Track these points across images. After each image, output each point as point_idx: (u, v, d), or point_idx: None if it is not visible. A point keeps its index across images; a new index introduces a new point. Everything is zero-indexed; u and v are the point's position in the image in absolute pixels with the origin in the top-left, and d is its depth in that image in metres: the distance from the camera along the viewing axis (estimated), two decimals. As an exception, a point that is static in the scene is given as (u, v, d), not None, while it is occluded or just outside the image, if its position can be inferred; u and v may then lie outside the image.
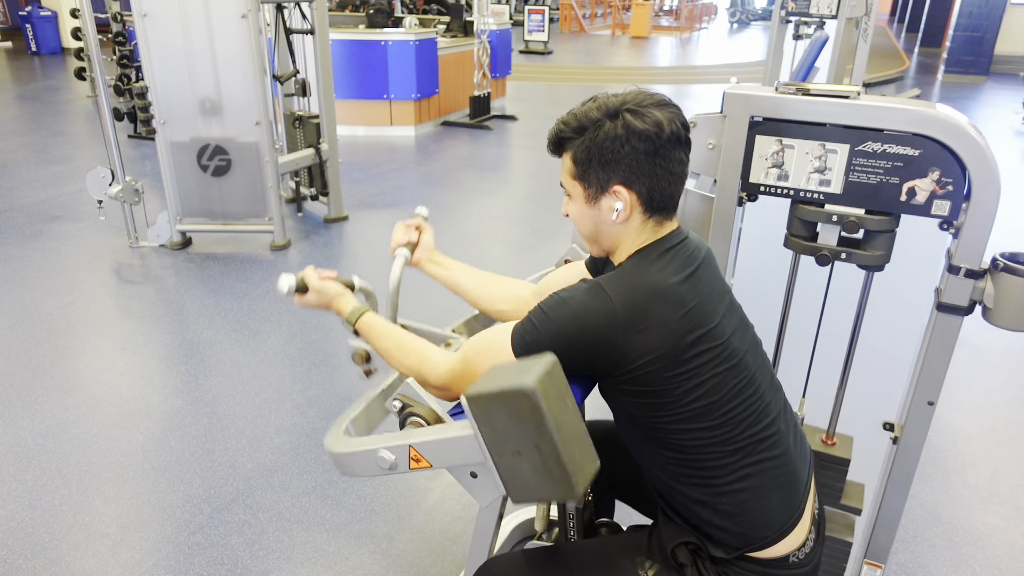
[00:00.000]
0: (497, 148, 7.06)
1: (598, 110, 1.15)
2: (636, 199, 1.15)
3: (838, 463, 1.58)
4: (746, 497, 1.16)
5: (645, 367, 1.09)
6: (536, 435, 0.98)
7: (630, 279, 1.12)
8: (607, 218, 1.18)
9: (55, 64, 11.56)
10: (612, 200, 1.16)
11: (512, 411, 0.98)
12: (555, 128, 1.20)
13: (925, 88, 11.36)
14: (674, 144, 1.13)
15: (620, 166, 1.13)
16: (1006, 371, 3.21)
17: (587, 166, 1.16)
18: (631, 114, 1.12)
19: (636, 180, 1.14)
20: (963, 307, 1.35)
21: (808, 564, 1.22)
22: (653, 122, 1.11)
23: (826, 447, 1.61)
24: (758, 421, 1.16)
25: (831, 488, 1.61)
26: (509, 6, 16.23)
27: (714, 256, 1.25)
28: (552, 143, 1.21)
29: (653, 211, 1.17)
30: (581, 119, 1.16)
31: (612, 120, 1.13)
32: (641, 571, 1.21)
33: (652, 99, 1.14)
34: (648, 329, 1.08)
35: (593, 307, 1.10)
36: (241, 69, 3.96)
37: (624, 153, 1.12)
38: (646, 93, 1.15)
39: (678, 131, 1.13)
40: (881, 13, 25.07)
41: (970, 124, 1.25)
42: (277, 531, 2.18)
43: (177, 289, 3.82)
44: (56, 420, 2.67)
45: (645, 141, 1.11)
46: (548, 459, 0.99)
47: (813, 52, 5.05)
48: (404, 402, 1.18)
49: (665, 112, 1.13)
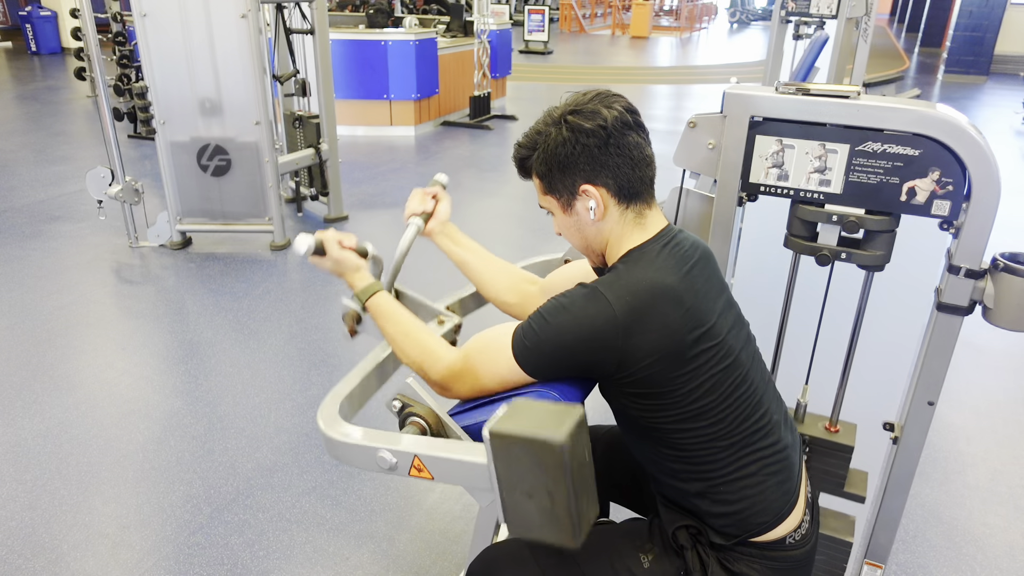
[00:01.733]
0: (497, 148, 7.06)
1: (544, 123, 1.19)
2: (606, 192, 1.17)
3: (841, 450, 1.55)
4: (744, 486, 1.18)
5: (648, 368, 1.10)
6: (552, 484, 0.98)
7: (628, 281, 1.13)
8: (587, 220, 1.20)
9: (55, 64, 11.56)
10: (584, 201, 1.18)
11: (535, 458, 0.98)
12: (514, 152, 1.24)
13: (925, 88, 11.36)
14: (623, 130, 1.15)
15: (579, 167, 1.16)
16: (1006, 371, 3.21)
17: (550, 177, 1.19)
18: (574, 115, 1.15)
19: (598, 175, 1.16)
20: (963, 307, 1.35)
21: (804, 545, 1.24)
22: (596, 116, 1.14)
23: (829, 434, 1.58)
24: (752, 413, 1.19)
25: (834, 476, 1.58)
26: (509, 6, 16.23)
27: (712, 255, 1.26)
28: (517, 168, 1.25)
29: (628, 200, 1.18)
30: (531, 136, 1.21)
31: (557, 127, 1.16)
32: (642, 555, 1.24)
33: (592, 96, 1.17)
34: (648, 331, 1.08)
35: (592, 312, 1.10)
36: (241, 69, 3.96)
37: (577, 153, 1.15)
38: (586, 93, 1.19)
39: (622, 116, 1.15)
40: (881, 13, 25.08)
41: (970, 124, 1.25)
42: (277, 531, 2.18)
43: (177, 289, 3.82)
44: (56, 420, 2.67)
45: (594, 136, 1.14)
46: (558, 507, 1.00)
47: (813, 52, 5.05)
48: (404, 402, 1.17)
49: (605, 103, 1.15)
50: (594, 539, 1.29)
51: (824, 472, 1.59)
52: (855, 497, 1.59)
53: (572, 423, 0.99)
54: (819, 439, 1.57)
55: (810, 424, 1.59)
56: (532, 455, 0.98)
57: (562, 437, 0.95)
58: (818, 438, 1.57)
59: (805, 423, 1.60)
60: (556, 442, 0.95)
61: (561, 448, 0.95)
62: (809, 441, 1.57)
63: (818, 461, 1.58)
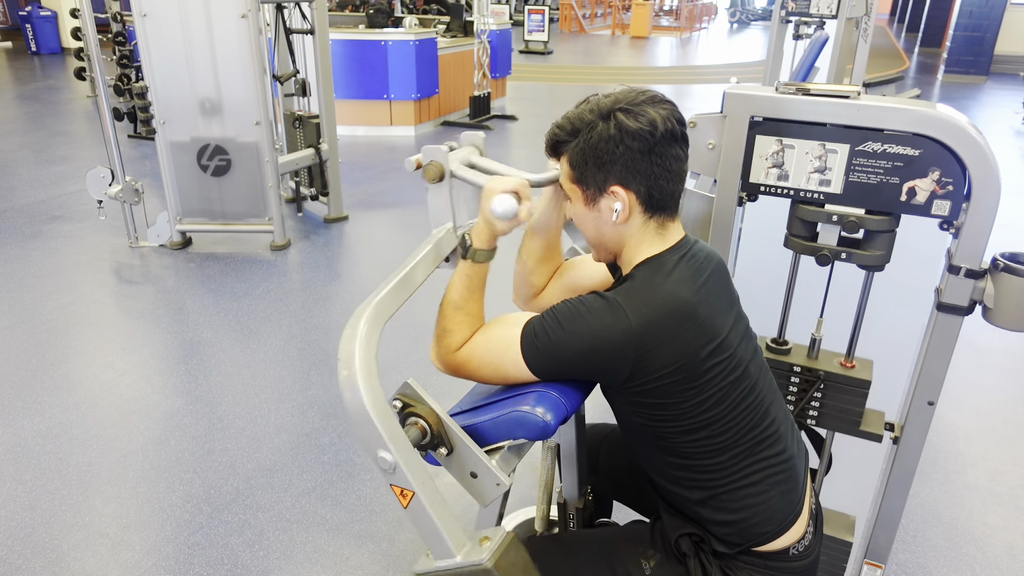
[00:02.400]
0: (497, 148, 7.06)
1: (591, 112, 1.13)
2: (635, 199, 1.14)
3: (858, 385, 1.51)
4: (748, 494, 1.17)
5: (659, 381, 1.08)
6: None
7: (646, 294, 1.10)
8: (607, 219, 1.16)
9: (55, 64, 11.56)
10: (611, 201, 1.14)
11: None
12: (550, 132, 1.18)
13: (925, 88, 11.35)
14: (670, 141, 1.11)
15: (616, 166, 1.11)
16: (1006, 371, 3.21)
17: (583, 169, 1.14)
18: (624, 113, 1.10)
19: (633, 180, 1.12)
20: (963, 307, 1.35)
21: (807, 557, 1.23)
22: (647, 120, 1.09)
23: (845, 370, 1.54)
24: (760, 423, 1.17)
25: (850, 413, 1.54)
26: (509, 6, 16.22)
27: (725, 266, 1.24)
28: (548, 146, 1.20)
29: (653, 210, 1.15)
30: (574, 121, 1.14)
31: (605, 121, 1.11)
32: (643, 560, 1.23)
33: (645, 97, 1.12)
34: (663, 345, 1.07)
35: (609, 323, 1.08)
36: (241, 69, 3.96)
37: (619, 153, 1.10)
38: (639, 91, 1.13)
39: (673, 127, 1.11)
40: (881, 13, 25.06)
41: (970, 124, 1.25)
42: (277, 531, 2.18)
43: (177, 289, 3.82)
44: (56, 420, 2.67)
45: (639, 140, 1.09)
46: None
47: (813, 52, 5.05)
48: (405, 402, 1.17)
49: (659, 109, 1.11)
50: (595, 542, 1.29)
51: (839, 410, 1.54)
52: (872, 436, 1.54)
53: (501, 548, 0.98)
54: (834, 374, 1.52)
55: (824, 360, 1.55)
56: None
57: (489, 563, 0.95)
58: (833, 373, 1.52)
59: (819, 359, 1.56)
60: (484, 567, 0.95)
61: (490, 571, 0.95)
62: (824, 377, 1.52)
63: (833, 398, 1.53)
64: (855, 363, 1.55)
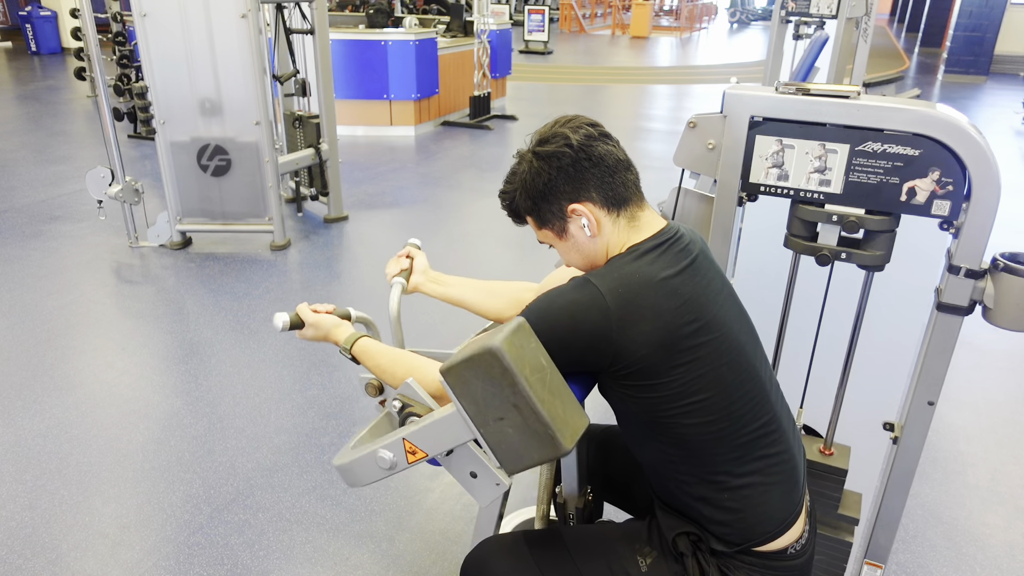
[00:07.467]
0: (497, 148, 7.06)
1: (516, 162, 1.25)
2: (593, 206, 1.19)
3: (836, 474, 1.58)
4: (749, 493, 1.17)
5: (643, 360, 1.09)
6: (512, 395, 0.99)
7: (620, 272, 1.13)
8: (583, 238, 1.21)
9: (55, 64, 11.56)
10: (576, 221, 1.20)
11: (485, 375, 0.99)
12: (500, 203, 1.29)
13: (925, 88, 11.35)
14: (591, 142, 1.18)
15: (559, 190, 1.19)
16: (1006, 371, 3.21)
17: (537, 210, 1.22)
18: (538, 146, 1.20)
19: (581, 191, 1.19)
20: (963, 307, 1.35)
21: (804, 555, 1.24)
22: (559, 139, 1.18)
23: (824, 457, 1.60)
24: (760, 416, 1.18)
25: (828, 498, 1.60)
26: (509, 6, 16.23)
27: (708, 248, 1.27)
28: (509, 215, 1.29)
29: (616, 207, 1.20)
30: (508, 179, 1.26)
31: (528, 162, 1.21)
32: (639, 557, 1.23)
33: (551, 124, 1.21)
34: (641, 321, 1.09)
35: (583, 302, 1.10)
36: (241, 69, 3.96)
37: (554, 177, 1.18)
38: (548, 124, 1.23)
39: (587, 131, 1.19)
40: (881, 13, 25.08)
41: (970, 124, 1.25)
42: (277, 531, 2.18)
43: (177, 289, 3.82)
44: (56, 420, 2.67)
45: (562, 157, 1.17)
46: (529, 418, 1.00)
47: (813, 52, 5.05)
48: (404, 402, 1.18)
49: (566, 127, 1.19)
50: (591, 538, 1.29)
51: (818, 495, 1.60)
52: (849, 520, 1.61)
53: (508, 329, 1.00)
54: (814, 462, 1.58)
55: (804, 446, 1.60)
56: (481, 374, 0.99)
57: (497, 342, 0.97)
58: (813, 461, 1.58)
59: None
60: (492, 347, 0.96)
61: (498, 351, 0.96)
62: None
63: (812, 483, 1.59)
64: (834, 450, 1.62)
